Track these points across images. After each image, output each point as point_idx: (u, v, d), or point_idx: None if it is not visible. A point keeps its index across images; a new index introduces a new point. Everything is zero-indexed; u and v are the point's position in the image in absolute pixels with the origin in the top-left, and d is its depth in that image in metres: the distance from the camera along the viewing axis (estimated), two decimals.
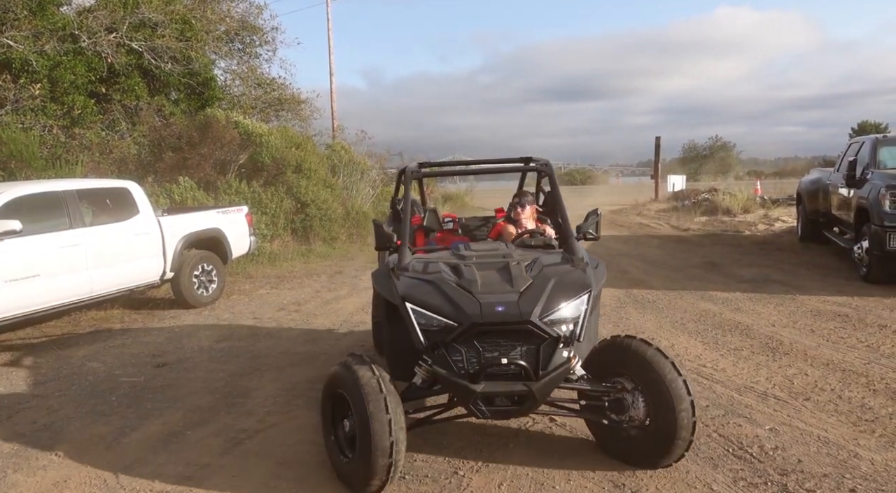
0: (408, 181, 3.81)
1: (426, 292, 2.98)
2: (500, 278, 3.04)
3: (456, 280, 3.03)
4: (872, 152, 7.94)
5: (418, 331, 2.92)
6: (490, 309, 2.83)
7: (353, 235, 13.08)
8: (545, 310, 2.86)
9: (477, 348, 2.86)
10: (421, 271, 3.17)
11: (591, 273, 3.17)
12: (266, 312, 7.12)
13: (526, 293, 2.92)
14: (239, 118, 12.72)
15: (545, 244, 3.75)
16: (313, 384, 4.57)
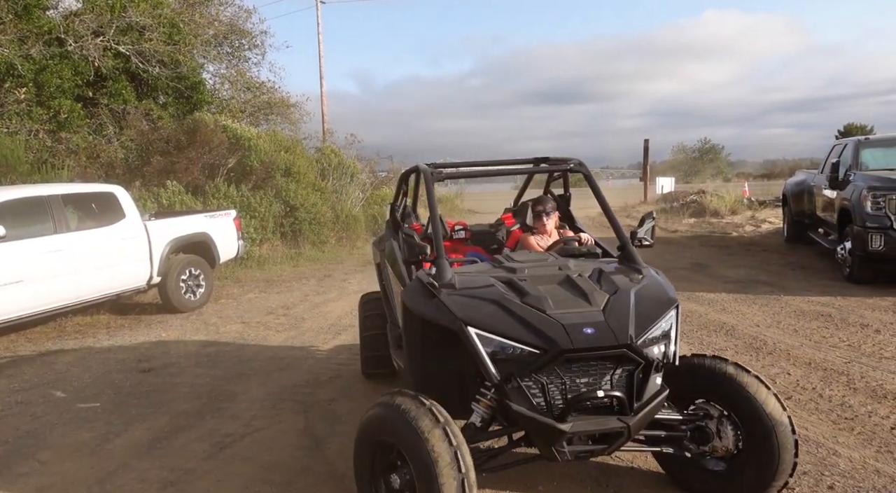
0: (429, 183, 3.25)
1: (491, 314, 2.49)
2: (569, 293, 2.60)
3: (520, 298, 2.56)
4: (855, 154, 8.04)
5: (488, 361, 2.41)
6: (577, 332, 2.37)
7: (343, 238, 13.07)
8: (639, 330, 2.43)
9: (561, 378, 2.40)
10: (471, 287, 2.69)
11: (667, 284, 2.82)
12: (254, 316, 7.10)
13: (609, 311, 2.49)
14: (227, 122, 12.69)
15: (590, 253, 3.33)
16: (300, 388, 4.57)
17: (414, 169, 3.99)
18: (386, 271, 4.04)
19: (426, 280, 2.77)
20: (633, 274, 2.85)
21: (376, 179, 18.01)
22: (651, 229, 3.20)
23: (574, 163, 3.52)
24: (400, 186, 4.32)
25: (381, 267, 4.25)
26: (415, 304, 2.78)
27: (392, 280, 3.80)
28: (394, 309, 3.86)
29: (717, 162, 49.72)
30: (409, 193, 4.43)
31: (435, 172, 3.37)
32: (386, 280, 4.10)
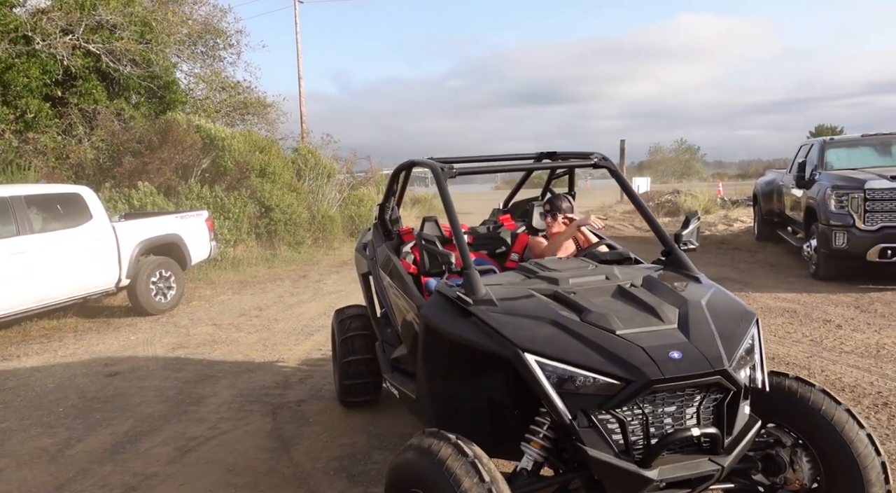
0: (441, 180, 2.82)
1: (552, 337, 2.08)
2: (632, 308, 2.22)
3: (579, 316, 2.16)
4: (820, 154, 8.23)
5: (555, 396, 2.00)
6: (663, 357, 1.98)
7: (319, 239, 12.99)
8: (729, 352, 2.06)
9: (642, 412, 2.01)
10: (513, 303, 2.29)
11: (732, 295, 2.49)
12: (226, 318, 7.02)
13: (689, 330, 2.11)
14: (201, 122, 12.53)
15: (623, 257, 2.89)
16: (270, 390, 4.53)
17: (408, 165, 3.61)
18: (381, 282, 3.55)
19: (452, 294, 2.38)
20: (691, 283, 2.49)
21: (354, 179, 17.93)
22: (696, 231, 2.83)
23: (597, 157, 3.09)
24: (391, 185, 3.84)
25: (375, 278, 3.70)
26: (443, 323, 2.36)
27: (391, 294, 3.33)
28: (393, 326, 3.43)
29: (693, 163, 50.50)
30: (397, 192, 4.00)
31: (447, 167, 2.90)
32: (381, 294, 3.60)
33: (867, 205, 6.71)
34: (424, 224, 3.69)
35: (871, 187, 6.70)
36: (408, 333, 2.98)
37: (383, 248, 3.57)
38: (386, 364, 3.41)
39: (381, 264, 3.55)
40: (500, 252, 3.69)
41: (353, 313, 4.03)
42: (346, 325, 3.94)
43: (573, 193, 3.82)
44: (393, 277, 3.26)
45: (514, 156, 3.65)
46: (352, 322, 3.95)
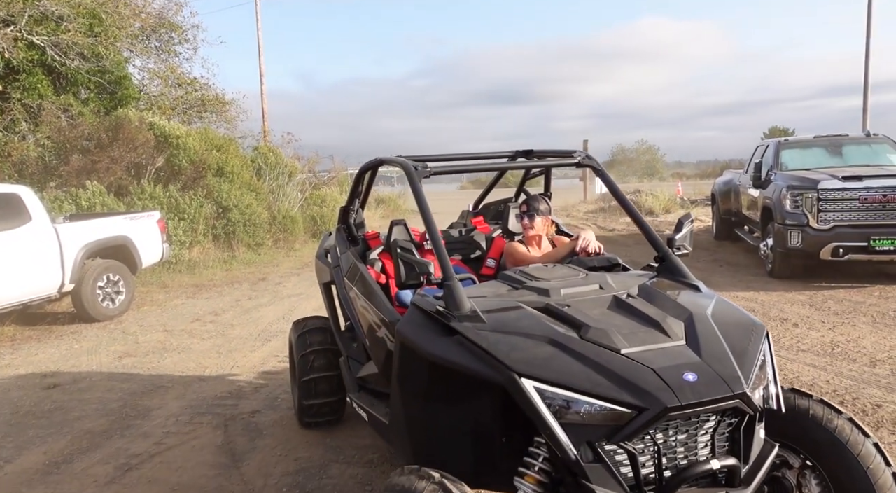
0: (415, 181, 2.56)
1: (550, 359, 1.87)
2: (634, 321, 2.04)
3: (577, 332, 1.96)
4: (775, 155, 8.41)
5: (558, 428, 1.77)
6: (678, 380, 1.78)
7: (280, 240, 12.67)
8: (745, 371, 1.88)
9: (654, 441, 1.81)
10: (503, 318, 2.07)
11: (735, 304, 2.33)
12: (179, 323, 6.72)
13: (699, 346, 1.93)
14: (155, 119, 12.06)
15: (611, 264, 2.70)
16: (222, 400, 4.31)
17: (375, 163, 3.31)
18: (346, 293, 3.27)
19: (432, 308, 2.17)
20: (690, 292, 2.33)
21: (317, 179, 17.60)
22: (690, 235, 2.65)
23: (581, 156, 2.89)
24: (356, 186, 3.57)
25: (338, 288, 3.40)
26: (422, 342, 2.12)
27: (358, 307, 3.06)
28: (360, 341, 3.16)
29: (655, 163, 51.61)
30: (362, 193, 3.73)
31: (420, 166, 2.63)
32: (346, 306, 3.30)
33: (820, 205, 6.86)
34: (393, 229, 3.42)
35: (823, 187, 6.86)
36: (379, 350, 2.73)
37: (348, 255, 3.32)
38: (352, 382, 3.13)
39: (345, 272, 3.28)
40: (474, 257, 3.49)
41: (315, 327, 3.68)
42: (307, 339, 3.61)
43: (549, 193, 3.64)
44: (360, 287, 2.99)
45: (490, 154, 3.42)
46: (313, 336, 3.60)
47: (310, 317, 3.88)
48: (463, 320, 2.07)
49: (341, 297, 3.40)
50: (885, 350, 4.71)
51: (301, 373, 3.52)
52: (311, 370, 3.49)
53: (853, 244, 6.69)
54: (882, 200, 6.64)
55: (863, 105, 18.88)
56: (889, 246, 6.57)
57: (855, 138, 8.60)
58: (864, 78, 18.64)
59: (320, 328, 3.66)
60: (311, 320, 3.80)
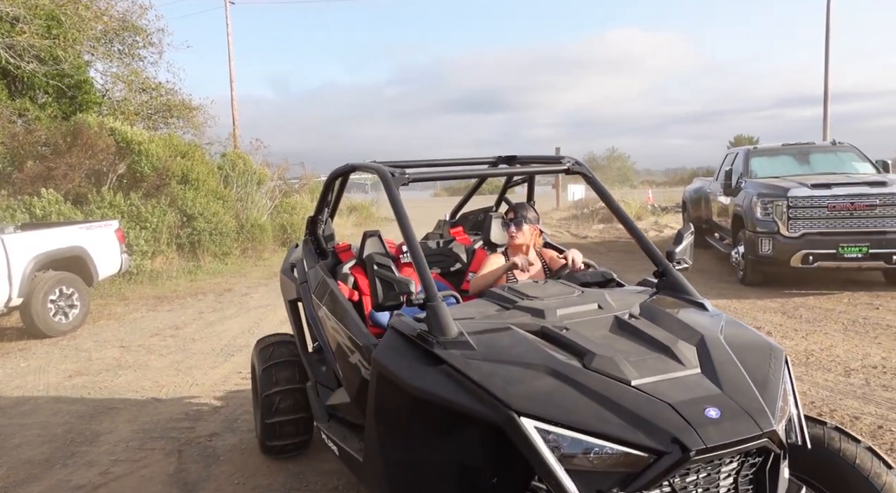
0: (392, 189, 2.33)
1: (552, 393, 1.65)
2: (641, 347, 1.85)
3: (581, 361, 1.75)
4: (745, 163, 8.47)
5: (562, 474, 1.55)
6: (700, 418, 1.57)
7: (248, 249, 12.33)
8: (770, 403, 1.68)
9: (672, 487, 1.62)
10: (495, 344, 1.86)
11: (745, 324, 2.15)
12: (136, 338, 6.39)
13: (717, 375, 1.73)
14: (116, 125, 11.63)
15: (606, 279, 2.53)
16: (177, 423, 4.05)
17: (346, 170, 3.03)
18: (314, 312, 3.02)
19: (412, 332, 1.97)
20: (695, 311, 2.14)
21: (287, 186, 17.26)
22: (690, 247, 2.48)
23: (570, 162, 2.69)
24: (325, 194, 3.31)
25: (306, 306, 3.15)
26: (402, 372, 1.89)
27: (328, 328, 2.81)
28: (329, 365, 2.91)
29: (625, 170, 52.35)
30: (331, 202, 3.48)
31: (399, 173, 2.40)
32: (315, 326, 3.04)
33: (790, 212, 6.90)
34: (366, 241, 3.15)
35: (793, 195, 6.90)
36: (352, 378, 2.47)
37: (316, 269, 3.07)
38: (321, 412, 2.82)
39: (313, 289, 3.02)
40: (454, 270, 3.24)
41: (280, 340, 3.40)
42: (271, 352, 3.31)
43: (533, 201, 3.48)
44: (330, 306, 2.72)
45: (471, 160, 3.21)
46: (276, 349, 3.34)
47: (274, 335, 3.60)
48: (449, 346, 1.84)
49: (309, 316, 3.12)
50: (858, 359, 4.69)
51: (263, 387, 3.22)
52: (274, 383, 3.19)
53: (822, 252, 6.73)
54: (849, 208, 6.70)
55: (823, 115, 19.41)
56: (856, 253, 6.62)
57: (822, 147, 8.72)
58: (824, 89, 19.17)
59: (286, 342, 3.38)
60: (276, 338, 3.50)
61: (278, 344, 3.40)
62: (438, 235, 3.62)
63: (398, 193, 2.34)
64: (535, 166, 2.97)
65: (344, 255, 3.27)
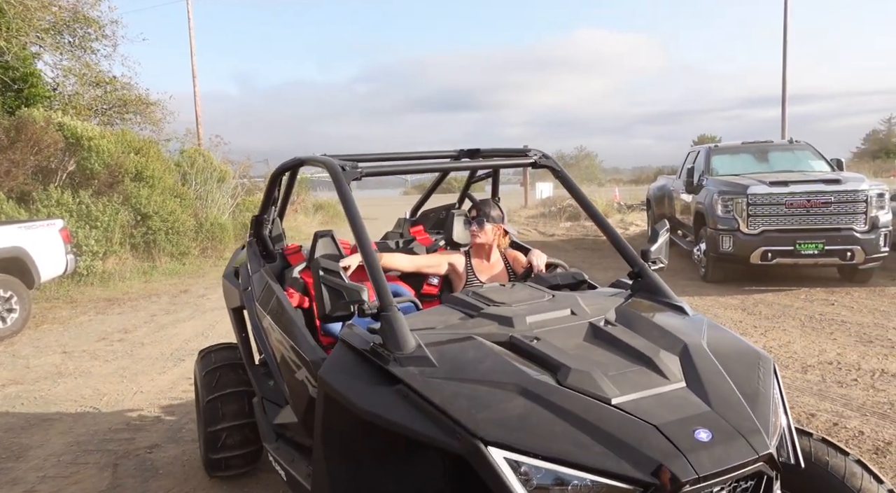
0: (342, 184, 2.13)
1: (525, 418, 1.48)
2: (618, 358, 1.69)
3: (554, 377, 1.58)
4: (707, 161, 8.55)
5: None
6: (688, 440, 1.43)
7: (208, 249, 11.94)
8: (763, 422, 1.54)
9: None
10: (458, 360, 1.67)
11: None
12: (81, 344, 6.07)
13: (704, 390, 1.58)
14: (65, 119, 11.11)
15: (577, 281, 2.38)
16: (116, 434, 3.81)
17: (293, 164, 2.83)
18: (259, 321, 2.78)
19: (364, 345, 1.78)
20: (675, 315, 2.00)
21: (251, 184, 16.85)
22: (666, 246, 2.34)
23: (536, 155, 2.52)
24: (271, 191, 3.08)
25: (250, 315, 2.92)
26: (352, 393, 1.68)
27: (273, 340, 2.58)
28: (275, 379, 2.66)
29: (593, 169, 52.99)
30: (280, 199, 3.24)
31: (349, 166, 2.19)
32: (259, 337, 2.82)
33: (750, 209, 6.97)
34: (317, 242, 2.92)
35: (752, 192, 6.97)
36: (299, 397, 2.25)
37: (261, 274, 2.82)
38: (268, 430, 2.56)
39: (257, 296, 2.78)
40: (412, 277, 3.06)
41: (223, 347, 3.18)
42: (213, 359, 3.08)
43: (498, 198, 3.29)
44: (275, 315, 2.50)
45: (431, 154, 3.01)
46: (219, 355, 3.11)
47: (217, 345, 3.32)
48: (407, 363, 1.64)
49: (252, 326, 2.87)
50: (814, 355, 4.72)
51: (206, 392, 2.95)
52: (217, 387, 2.93)
53: (780, 248, 6.82)
54: (806, 205, 6.80)
55: (781, 115, 19.95)
56: (813, 250, 6.72)
57: (779, 145, 8.86)
58: (783, 91, 19.70)
59: (229, 348, 3.18)
60: (220, 348, 3.25)
61: (223, 349, 3.19)
62: (398, 234, 3.44)
63: (349, 188, 2.14)
64: (500, 160, 2.79)
65: (293, 257, 3.04)
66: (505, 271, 2.82)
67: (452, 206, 3.55)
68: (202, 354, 3.22)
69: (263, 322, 2.70)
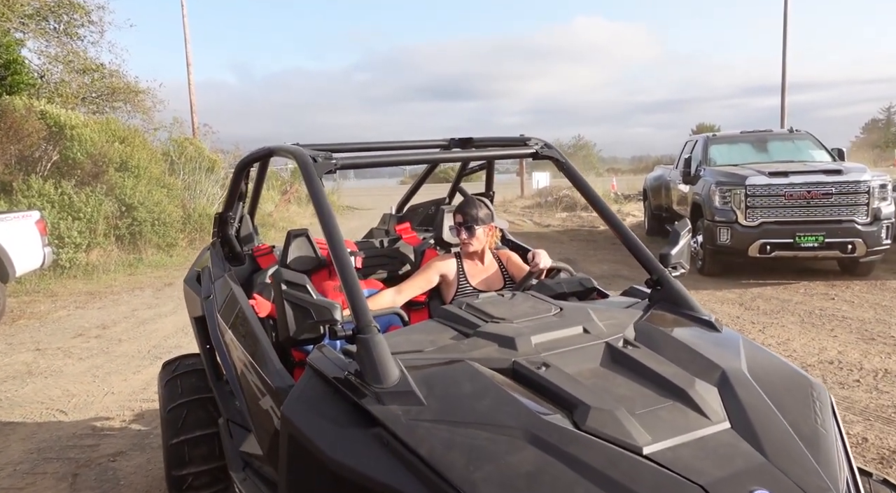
0: (312, 177, 1.81)
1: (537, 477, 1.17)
2: (645, 389, 1.40)
3: (570, 417, 1.29)
4: (704, 150, 8.33)
5: None
6: None
7: (196, 240, 11.72)
8: (831, 473, 1.25)
9: None
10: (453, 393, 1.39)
11: None
12: (56, 340, 5.86)
13: (756, 433, 1.29)
14: (47, 107, 10.84)
15: (585, 288, 2.14)
16: (80, 440, 3.61)
17: (262, 154, 2.47)
18: (221, 336, 2.39)
19: (337, 374, 1.49)
20: (705, 332, 1.72)
21: None
22: (687, 249, 2.08)
23: (538, 145, 2.21)
24: (237, 184, 2.74)
25: (210, 327, 2.53)
26: (321, 438, 1.37)
27: (235, 358, 2.22)
28: (239, 407, 2.32)
29: (591, 158, 52.73)
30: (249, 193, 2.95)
31: (323, 158, 1.87)
32: (221, 354, 2.45)
33: (748, 201, 6.77)
34: (291, 243, 2.58)
35: (751, 183, 6.76)
36: (263, 428, 1.91)
37: (225, 280, 2.44)
38: (234, 456, 2.21)
39: (220, 306, 2.39)
40: (402, 274, 2.72)
41: (190, 368, 2.75)
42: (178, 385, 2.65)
43: (492, 192, 3.01)
44: (238, 331, 2.13)
45: (420, 143, 2.68)
46: (185, 382, 2.67)
47: (185, 356, 2.97)
48: (388, 399, 1.34)
49: (214, 340, 2.50)
50: (814, 353, 4.54)
51: (170, 433, 2.54)
52: (183, 428, 2.51)
53: (779, 241, 6.63)
54: (806, 197, 6.60)
55: (781, 104, 19.68)
56: (813, 242, 6.53)
57: (779, 134, 8.64)
58: (782, 79, 19.42)
59: (197, 372, 2.75)
60: (186, 361, 2.89)
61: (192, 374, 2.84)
62: (383, 231, 3.16)
63: (320, 182, 1.82)
64: (495, 150, 2.46)
65: (264, 259, 2.75)
66: (499, 273, 2.54)
67: (442, 201, 3.29)
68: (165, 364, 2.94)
69: (225, 337, 2.31)
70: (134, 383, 4.60)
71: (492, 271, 2.55)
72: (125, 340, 5.81)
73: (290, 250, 2.61)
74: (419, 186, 3.51)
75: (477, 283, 2.50)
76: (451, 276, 2.49)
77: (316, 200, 1.79)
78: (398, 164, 2.35)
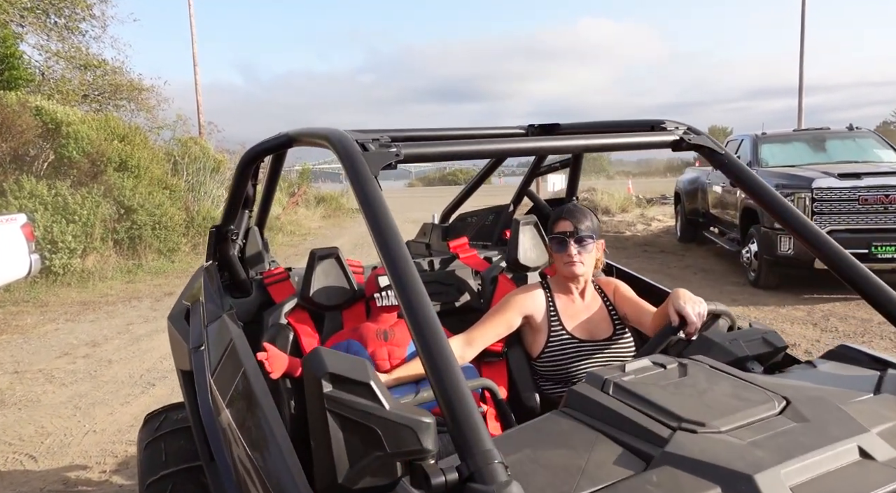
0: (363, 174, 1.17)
1: None
2: None
3: None
4: (754, 150, 7.60)
5: None
6: None
7: (199, 245, 11.04)
8: None
9: None
10: None
11: None
12: (39, 360, 5.19)
13: None
14: (42, 103, 10.21)
15: (776, 348, 1.43)
16: (50, 486, 2.93)
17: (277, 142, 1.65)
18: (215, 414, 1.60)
19: None
20: None
21: None
22: None
23: (682, 129, 1.59)
24: (241, 187, 1.97)
25: (200, 395, 1.72)
26: None
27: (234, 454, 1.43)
28: None
29: (601, 161, 52.01)
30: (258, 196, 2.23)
31: (378, 146, 1.26)
32: (213, 440, 1.62)
33: (815, 206, 6.04)
34: (316, 267, 1.86)
35: (818, 187, 6.03)
36: None
37: (223, 323, 1.69)
38: None
39: (213, 367, 1.62)
40: (459, 306, 2.03)
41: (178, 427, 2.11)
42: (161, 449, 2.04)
43: (577, 198, 2.41)
44: (239, 414, 1.38)
45: (487, 130, 1.96)
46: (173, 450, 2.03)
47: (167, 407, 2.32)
48: None
49: (205, 418, 1.68)
50: None
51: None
52: None
53: (853, 252, 5.83)
54: (884, 201, 5.86)
55: (798, 105, 18.81)
56: (893, 253, 5.79)
57: (838, 132, 7.89)
58: (800, 79, 18.54)
59: (183, 430, 2.09)
60: (172, 415, 2.23)
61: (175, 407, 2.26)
62: (424, 245, 2.49)
63: (376, 181, 1.17)
64: (621, 138, 1.57)
65: (278, 289, 1.96)
66: (606, 314, 1.81)
67: (505, 208, 2.54)
68: None
69: (221, 418, 1.53)
70: (121, 417, 3.92)
71: (594, 310, 1.82)
72: (116, 361, 5.13)
73: (315, 276, 1.86)
74: (474, 189, 2.71)
75: (574, 326, 1.78)
76: (538, 316, 1.78)
77: (368, 206, 1.14)
78: (476, 156, 1.52)
